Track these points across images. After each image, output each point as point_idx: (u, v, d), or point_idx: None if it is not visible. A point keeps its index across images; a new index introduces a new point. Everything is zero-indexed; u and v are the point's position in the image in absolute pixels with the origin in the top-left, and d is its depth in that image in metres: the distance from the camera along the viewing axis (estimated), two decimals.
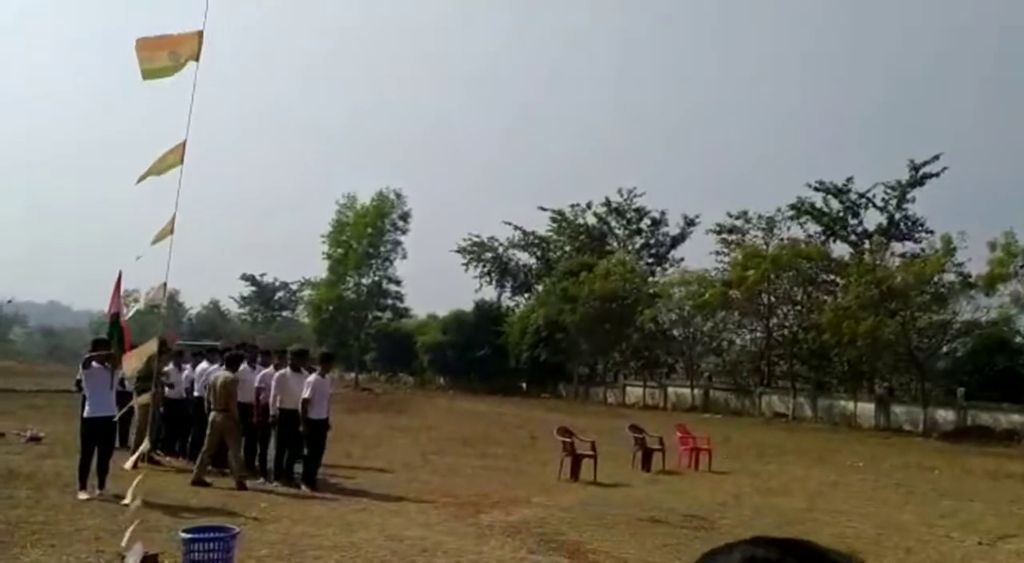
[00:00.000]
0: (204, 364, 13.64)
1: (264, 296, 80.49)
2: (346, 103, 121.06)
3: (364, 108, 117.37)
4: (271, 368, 12.09)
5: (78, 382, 11.58)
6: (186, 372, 13.91)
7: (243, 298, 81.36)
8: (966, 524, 11.14)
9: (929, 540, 9.90)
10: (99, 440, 9.73)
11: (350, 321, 54.51)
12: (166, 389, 13.52)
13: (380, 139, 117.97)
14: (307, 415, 10.90)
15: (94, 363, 9.81)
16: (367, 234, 52.41)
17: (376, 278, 54.92)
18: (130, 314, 10.41)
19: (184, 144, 6.87)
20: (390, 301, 57.27)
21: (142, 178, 6.82)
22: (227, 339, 58.41)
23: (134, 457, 8.33)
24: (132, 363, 8.97)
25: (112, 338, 10.33)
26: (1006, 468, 19.17)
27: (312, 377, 11.19)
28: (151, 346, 7.54)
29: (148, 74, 6.59)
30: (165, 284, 9.04)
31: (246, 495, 10.29)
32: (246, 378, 12.06)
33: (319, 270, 57.44)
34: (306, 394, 10.92)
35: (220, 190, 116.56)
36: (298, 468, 11.27)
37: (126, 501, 8.75)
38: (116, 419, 9.85)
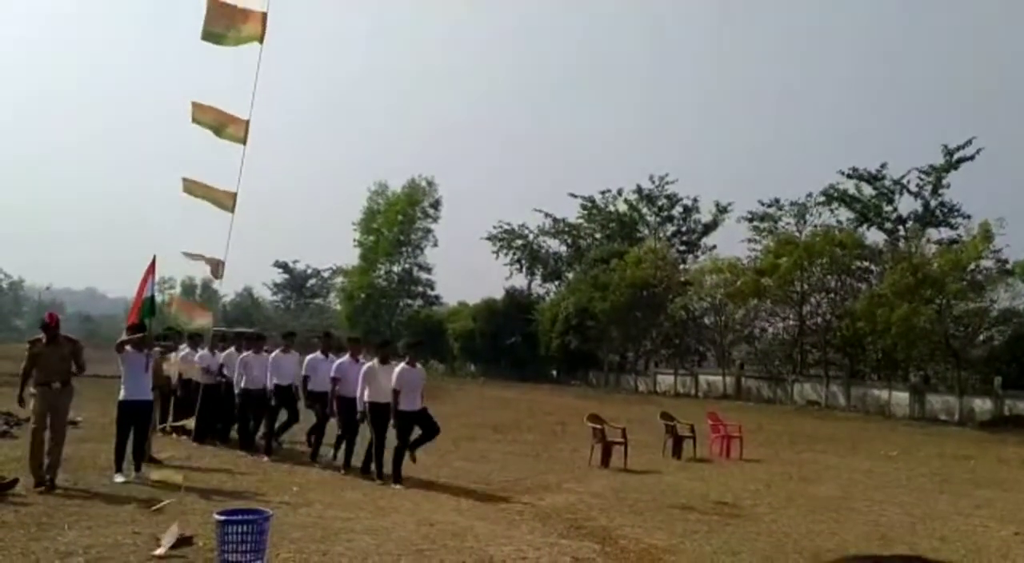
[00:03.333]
0: (232, 350, 13.81)
1: (296, 283, 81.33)
2: (387, 91, 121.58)
3: (403, 92, 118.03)
4: (347, 357, 11.52)
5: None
6: (219, 357, 14.02)
7: (276, 285, 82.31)
8: (1002, 514, 10.97)
9: (964, 530, 9.77)
10: (135, 423, 9.88)
11: (382, 308, 54.91)
12: (202, 374, 13.80)
13: (413, 126, 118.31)
14: (398, 407, 10.28)
15: (128, 347, 9.92)
16: (398, 222, 52.72)
17: (407, 266, 55.22)
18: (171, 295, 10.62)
19: (248, 123, 7.02)
20: (421, 289, 57.57)
21: (203, 124, 7.04)
22: (260, 327, 59.31)
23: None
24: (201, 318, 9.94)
25: (145, 321, 10.51)
26: None
27: (400, 366, 10.48)
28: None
29: (207, 35, 6.75)
30: (223, 262, 9.20)
31: (279, 478, 10.41)
32: (321, 367, 11.92)
33: (351, 257, 57.90)
34: (395, 385, 10.26)
35: (258, 174, 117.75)
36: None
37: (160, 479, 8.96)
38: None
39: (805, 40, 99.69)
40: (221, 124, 7.16)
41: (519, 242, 55.45)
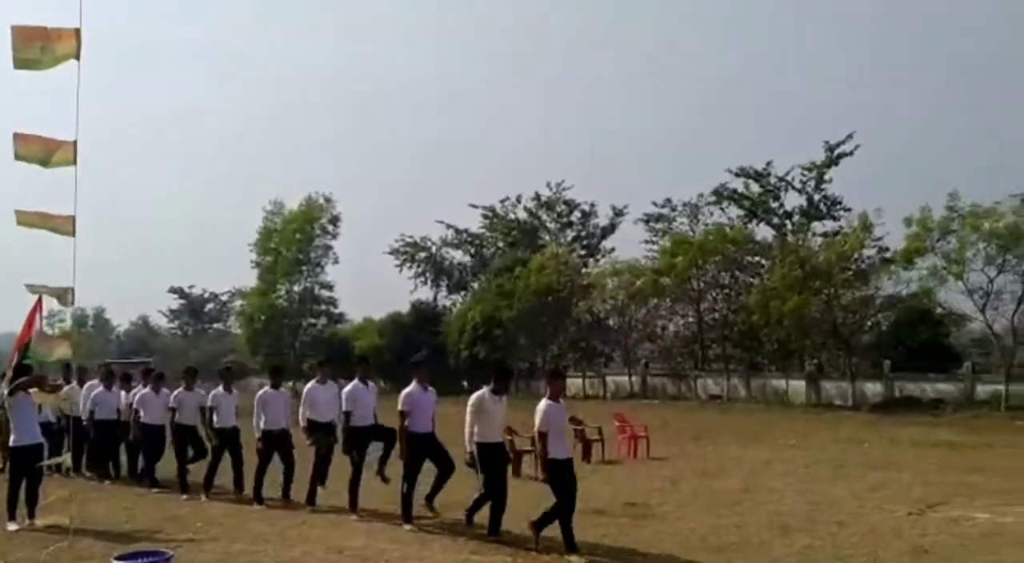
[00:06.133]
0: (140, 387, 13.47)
1: (194, 308, 78.83)
2: (264, 104, 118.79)
3: (286, 105, 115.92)
4: (355, 382, 10.20)
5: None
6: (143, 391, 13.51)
7: (172, 312, 79.61)
8: (896, 495, 11.54)
9: (860, 513, 10.24)
10: (28, 469, 9.48)
11: (284, 329, 53.74)
12: (94, 411, 13.46)
13: (305, 141, 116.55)
14: (409, 430, 9.24)
15: (20, 391, 9.53)
16: (296, 240, 51.77)
17: (308, 284, 54.28)
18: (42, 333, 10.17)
19: (75, 144, 6.81)
20: (323, 307, 56.64)
21: (28, 159, 6.79)
22: (159, 356, 57.25)
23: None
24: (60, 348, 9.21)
25: (28, 365, 10.08)
26: (933, 437, 19.93)
27: (411, 387, 9.41)
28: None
29: (20, 64, 6.51)
30: (72, 289, 8.96)
31: (182, 516, 10.10)
32: (318, 396, 10.74)
33: (249, 279, 56.56)
34: (404, 407, 9.24)
35: (139, 200, 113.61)
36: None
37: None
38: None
39: (687, 43, 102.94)
40: (48, 152, 6.95)
41: (422, 255, 55.26)
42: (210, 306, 79.42)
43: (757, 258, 37.61)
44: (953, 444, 18.52)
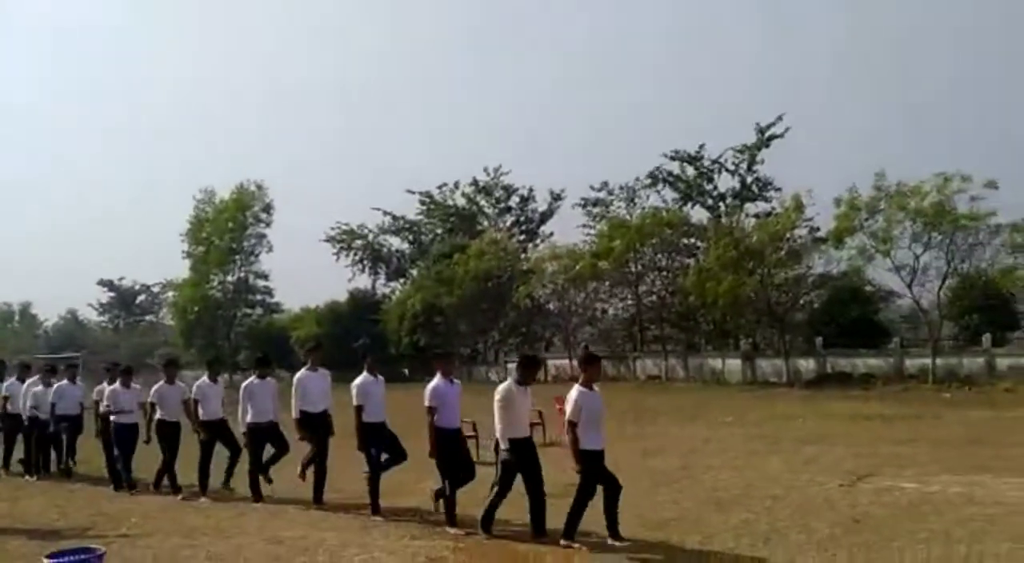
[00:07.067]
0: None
1: (124, 301, 76.86)
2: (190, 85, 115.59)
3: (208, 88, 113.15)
4: (365, 374, 9.66)
5: None
6: (35, 389, 13.37)
7: (102, 305, 77.48)
8: (828, 468, 11.84)
9: (794, 486, 10.48)
10: None
11: (219, 320, 52.80)
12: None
13: (234, 127, 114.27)
14: (437, 426, 8.62)
15: None
16: (228, 229, 50.81)
17: (242, 274, 53.36)
18: None
19: None
20: (259, 297, 55.77)
21: None
22: (88, 350, 55.73)
23: None
24: None
25: None
26: (864, 410, 20.46)
27: (436, 380, 8.84)
28: None
29: None
30: None
31: (116, 512, 9.85)
32: (311, 385, 10.18)
33: (181, 270, 55.36)
34: (431, 402, 8.61)
35: (60, 190, 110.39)
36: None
37: None
38: None
39: (622, 26, 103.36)
40: None
41: (359, 242, 54.62)
42: (141, 298, 77.61)
43: (693, 240, 38.10)
44: (884, 417, 19.05)
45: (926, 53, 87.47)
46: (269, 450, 10.60)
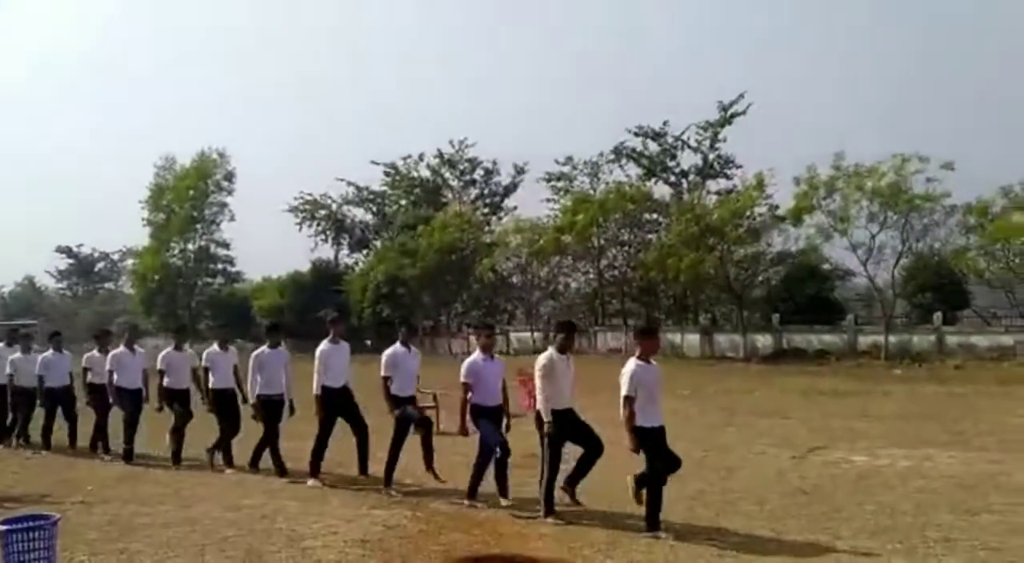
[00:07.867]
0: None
1: (83, 268, 75.49)
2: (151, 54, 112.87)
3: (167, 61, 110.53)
4: (397, 345, 9.41)
5: None
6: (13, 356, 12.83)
7: (60, 272, 76.05)
8: (782, 440, 12.13)
9: (748, 457, 10.74)
10: None
11: (179, 289, 52.16)
12: None
13: (195, 94, 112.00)
14: (472, 402, 8.52)
15: None
16: (189, 197, 50.07)
17: (203, 243, 52.67)
18: None
19: None
20: (220, 266, 55.09)
21: None
22: (44, 317, 54.74)
23: None
24: None
25: None
26: (818, 385, 20.91)
27: (476, 355, 8.64)
28: None
29: None
30: None
31: (73, 479, 9.80)
32: (334, 358, 9.68)
33: (141, 238, 54.48)
34: (467, 378, 8.40)
35: (23, 156, 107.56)
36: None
37: None
38: None
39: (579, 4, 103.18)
40: None
41: (323, 213, 54.07)
42: (100, 266, 76.28)
43: (655, 216, 38.39)
44: (837, 392, 19.50)
45: (890, 34, 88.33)
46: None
